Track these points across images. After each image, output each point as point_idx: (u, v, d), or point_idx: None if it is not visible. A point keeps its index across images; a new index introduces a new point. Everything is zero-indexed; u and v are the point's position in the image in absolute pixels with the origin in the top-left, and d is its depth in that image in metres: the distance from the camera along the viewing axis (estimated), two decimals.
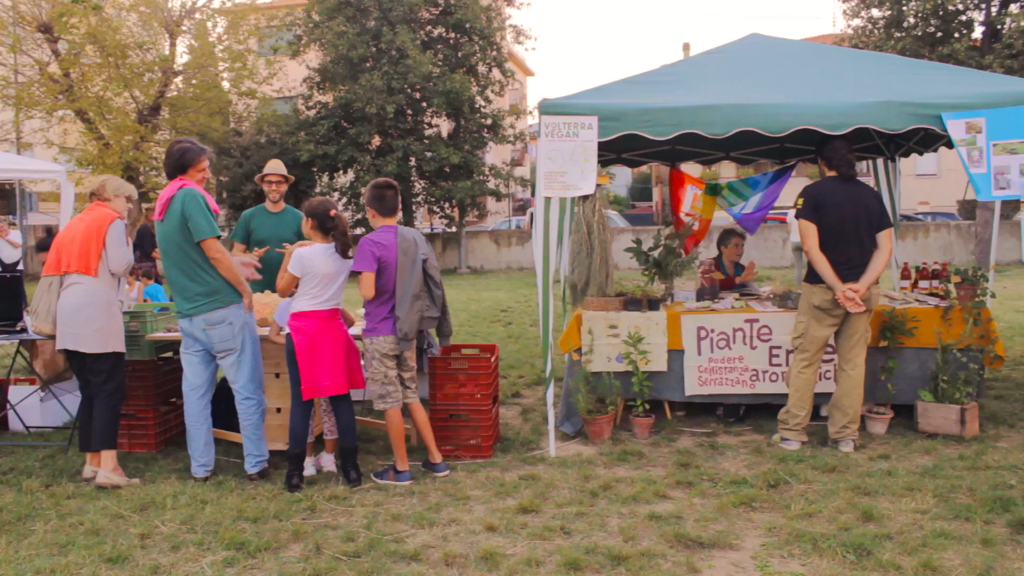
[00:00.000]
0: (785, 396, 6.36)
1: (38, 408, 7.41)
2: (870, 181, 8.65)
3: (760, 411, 6.99)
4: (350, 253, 5.65)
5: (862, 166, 8.73)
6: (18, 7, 23.47)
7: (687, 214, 9.21)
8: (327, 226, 5.62)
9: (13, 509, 5.30)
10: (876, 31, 22.43)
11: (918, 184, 35.98)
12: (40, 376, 7.58)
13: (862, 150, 8.78)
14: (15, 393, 7.42)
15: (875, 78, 6.72)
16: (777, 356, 6.73)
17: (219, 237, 5.70)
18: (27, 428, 7.34)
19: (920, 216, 31.06)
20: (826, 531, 4.59)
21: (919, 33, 21.37)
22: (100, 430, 5.81)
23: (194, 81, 26.56)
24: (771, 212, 11.04)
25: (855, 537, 4.45)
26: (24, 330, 6.79)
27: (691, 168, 10.46)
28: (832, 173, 6.18)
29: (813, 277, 6.07)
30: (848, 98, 6.21)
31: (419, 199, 28.13)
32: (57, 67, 24.11)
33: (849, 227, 5.98)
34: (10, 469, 6.21)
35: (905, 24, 21.76)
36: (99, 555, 4.52)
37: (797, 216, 6.14)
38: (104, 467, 5.77)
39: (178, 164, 5.81)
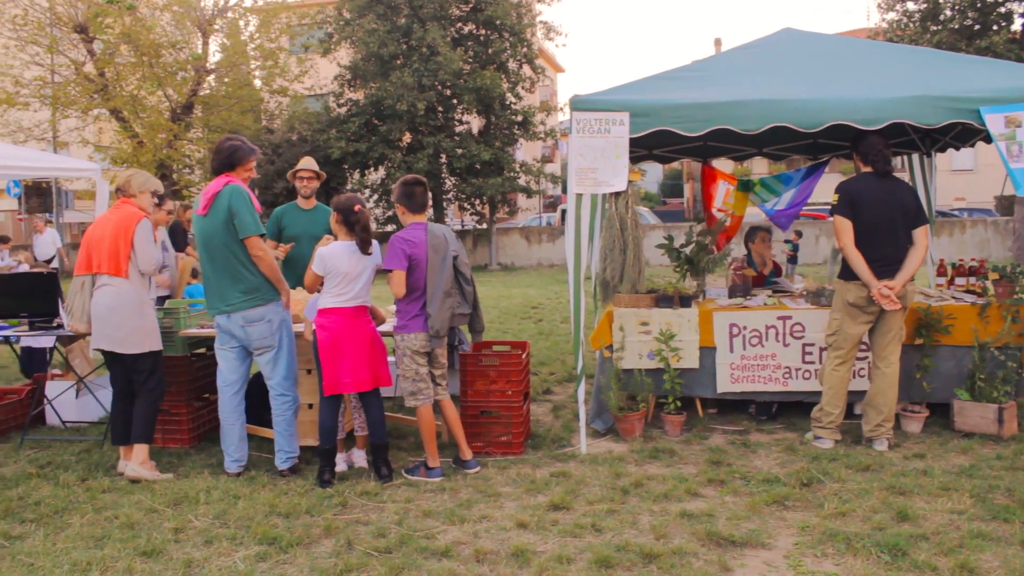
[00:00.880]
0: (818, 394, 6.31)
1: (74, 403, 7.51)
2: (905, 177, 8.53)
3: (793, 409, 6.94)
4: (370, 249, 5.64)
5: (897, 161, 8.63)
6: (55, 8, 23.80)
7: (719, 210, 9.15)
8: (350, 220, 5.63)
9: (50, 502, 5.38)
10: (912, 24, 22.17)
11: (954, 180, 35.58)
12: (76, 372, 7.68)
13: (897, 145, 8.67)
14: (52, 388, 7.53)
15: (910, 72, 6.64)
16: (810, 353, 6.67)
17: (263, 236, 5.74)
18: (63, 423, 7.45)
19: (956, 212, 30.65)
20: (860, 531, 4.54)
21: (956, 26, 21.09)
22: (140, 424, 5.89)
23: (226, 79, 26.83)
24: (804, 208, 10.94)
25: (890, 537, 4.40)
26: (60, 326, 6.87)
27: (723, 164, 10.41)
28: (867, 169, 6.10)
29: (848, 274, 6.01)
30: (883, 93, 6.13)
31: (450, 196, 28.18)
32: (92, 67, 24.45)
33: (884, 224, 5.91)
34: (47, 463, 6.30)
35: (941, 17, 21.49)
36: (133, 548, 4.57)
37: (832, 213, 6.08)
38: (134, 460, 5.84)
39: (227, 161, 5.81)
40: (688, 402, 6.91)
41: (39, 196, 36.76)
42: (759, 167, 33.41)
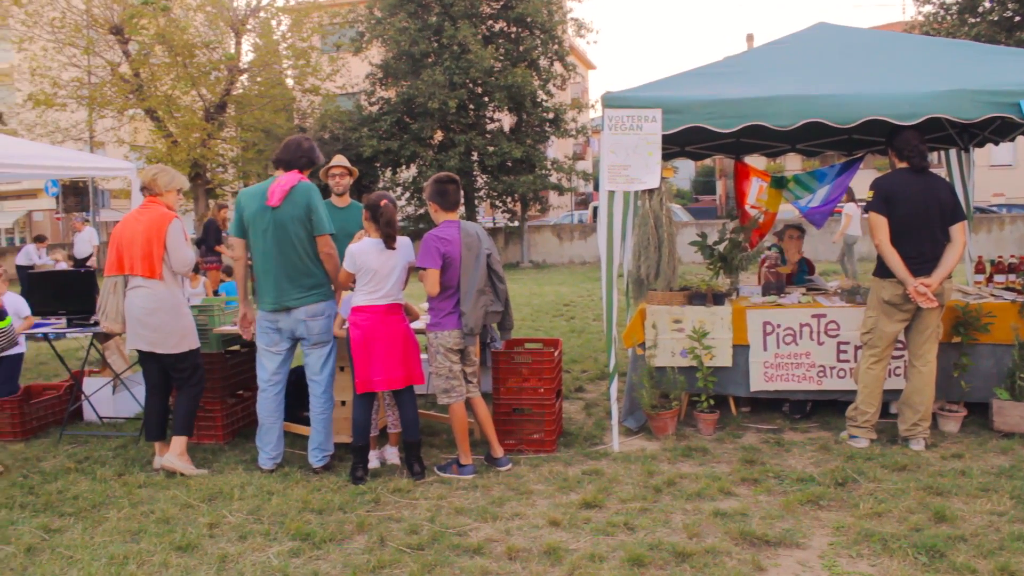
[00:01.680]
0: (853, 393, 6.25)
1: (110, 399, 7.62)
2: (942, 172, 8.42)
3: (827, 407, 6.88)
4: (395, 244, 5.64)
5: (934, 157, 8.51)
6: (91, 11, 24.13)
7: (752, 207, 9.09)
8: (375, 215, 5.65)
9: (88, 497, 5.46)
10: (949, 17, 21.86)
11: (993, 175, 35.02)
12: (112, 368, 7.78)
13: (934, 140, 8.57)
14: (89, 384, 7.63)
15: (948, 65, 6.55)
16: (845, 352, 6.60)
17: (333, 235, 5.82)
18: (100, 418, 7.55)
19: (995, 208, 30.19)
20: (896, 531, 4.49)
21: (995, 18, 20.76)
22: (180, 417, 5.97)
23: (259, 79, 27.04)
24: (840, 205, 10.83)
25: (927, 538, 4.34)
26: (97, 323, 6.96)
27: (756, 161, 10.35)
28: (903, 165, 6.03)
29: (883, 271, 5.94)
30: (919, 87, 6.05)
31: (481, 193, 28.20)
32: (128, 67, 24.76)
33: (921, 220, 5.84)
34: (85, 458, 6.39)
35: (980, 9, 21.16)
36: (169, 543, 4.62)
37: (867, 209, 6.01)
38: (172, 451, 5.91)
39: (306, 159, 5.90)
40: (721, 400, 6.87)
41: (76, 195, 37.38)
42: (792, 164, 33.11)
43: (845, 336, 6.59)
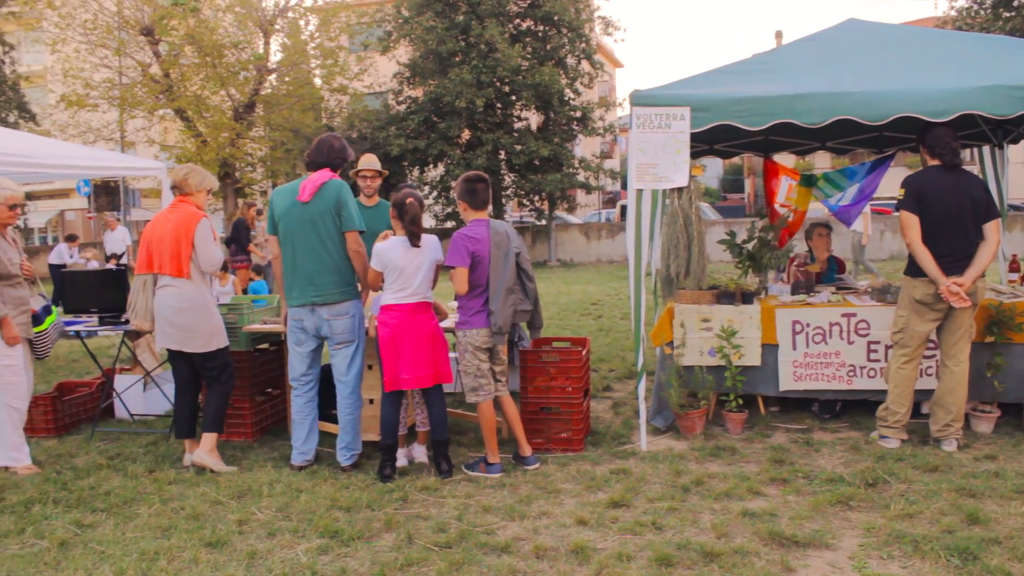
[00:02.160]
0: (884, 392, 6.18)
1: (141, 396, 7.69)
2: (975, 170, 8.33)
3: (857, 407, 6.81)
4: (419, 242, 5.65)
5: (967, 154, 8.41)
6: (122, 12, 24.40)
7: (782, 205, 9.02)
8: (401, 212, 5.66)
9: (119, 493, 5.51)
10: (982, 12, 21.57)
11: None
12: (143, 366, 7.86)
13: (967, 137, 8.45)
14: (120, 382, 7.71)
15: (981, 61, 6.46)
16: (876, 351, 6.54)
17: (362, 233, 5.83)
18: (131, 415, 7.63)
19: None
20: (928, 533, 4.44)
21: None
22: (210, 413, 6.02)
23: (287, 78, 27.23)
24: (871, 203, 10.72)
25: (960, 540, 4.29)
26: (128, 321, 7.03)
27: (785, 158, 10.26)
28: (935, 162, 5.96)
29: (915, 270, 5.88)
30: (952, 83, 5.98)
31: (509, 192, 28.22)
32: (158, 68, 25.02)
33: (953, 218, 5.77)
34: (116, 454, 6.46)
35: (1015, 3, 20.85)
36: (199, 539, 4.66)
37: (898, 207, 5.95)
38: (202, 447, 5.95)
39: (339, 158, 5.92)
40: (750, 400, 6.82)
41: (107, 195, 37.83)
42: (822, 161, 32.86)
43: (875, 335, 6.53)
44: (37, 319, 6.25)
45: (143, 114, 25.68)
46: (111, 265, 13.97)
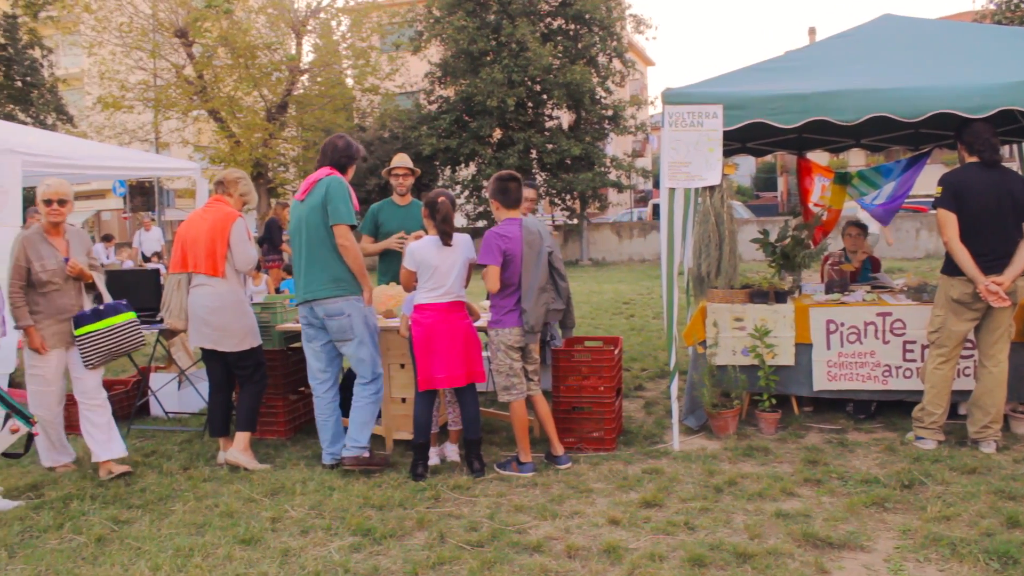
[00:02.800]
0: (920, 393, 6.11)
1: (176, 395, 7.77)
2: (1015, 167, 8.20)
3: (893, 408, 6.73)
4: (451, 241, 5.65)
5: (1006, 150, 8.28)
6: (157, 15, 24.69)
7: (816, 204, 8.94)
8: (432, 212, 5.67)
9: (155, 490, 5.58)
10: (1022, 6, 21.21)
11: None
12: (178, 364, 7.93)
13: (1006, 133, 8.31)
14: (155, 380, 7.80)
15: (1020, 55, 6.36)
16: (912, 351, 6.45)
17: (353, 227, 5.79)
18: (166, 413, 7.71)
19: None
20: (966, 536, 4.38)
21: None
22: (243, 412, 6.06)
23: (319, 79, 27.40)
24: (907, 201, 10.60)
25: (999, 544, 4.22)
26: (163, 320, 7.10)
27: (819, 156, 10.16)
28: (973, 159, 5.87)
29: (952, 269, 5.80)
30: (990, 78, 5.89)
31: (540, 191, 28.19)
32: (192, 70, 25.28)
33: (992, 216, 5.68)
34: (152, 452, 6.53)
35: None
36: (233, 536, 4.70)
37: (935, 205, 5.87)
38: (236, 446, 6.00)
39: (344, 156, 5.95)
40: (783, 400, 6.77)
41: (142, 195, 38.25)
42: (856, 159, 32.50)
43: (911, 335, 6.45)
44: (79, 321, 5.87)
45: (177, 115, 25.95)
46: (154, 264, 14.13)
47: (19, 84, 25.25)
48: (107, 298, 6.09)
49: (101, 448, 5.86)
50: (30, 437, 5.51)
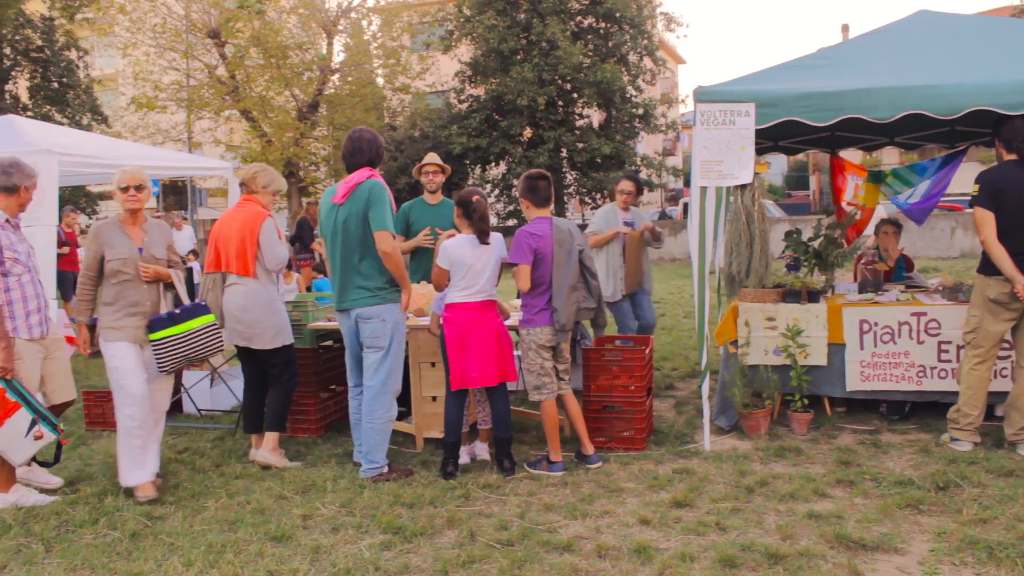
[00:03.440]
0: (955, 394, 6.02)
1: (208, 392, 7.84)
2: None
3: (927, 409, 6.65)
4: (488, 239, 5.65)
5: None
6: (190, 16, 24.94)
7: (849, 203, 8.86)
8: (468, 211, 5.66)
9: (188, 486, 5.63)
10: None
11: None
12: (211, 362, 8.00)
13: None
14: (188, 378, 7.86)
15: None
16: (947, 352, 6.37)
17: (394, 235, 5.61)
18: (199, 410, 7.78)
19: None
20: (1004, 539, 4.31)
21: None
22: (273, 412, 6.09)
23: (350, 78, 27.54)
24: (943, 200, 10.47)
25: None
26: None
27: (852, 155, 10.06)
28: (1011, 156, 5.78)
29: (989, 268, 5.71)
30: None
31: (571, 190, 28.18)
32: (224, 70, 25.51)
33: None
34: (185, 449, 6.59)
35: None
36: (265, 533, 4.73)
37: (972, 204, 5.79)
38: (264, 447, 6.05)
39: (376, 155, 5.74)
40: (815, 400, 6.71)
41: (175, 194, 38.66)
42: (889, 157, 32.16)
43: (947, 335, 6.36)
44: (153, 325, 5.48)
45: (210, 115, 26.20)
46: (191, 262, 14.29)
47: (55, 85, 25.60)
48: (185, 299, 5.67)
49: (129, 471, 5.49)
50: (59, 446, 5.49)
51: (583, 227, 6.48)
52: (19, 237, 5.45)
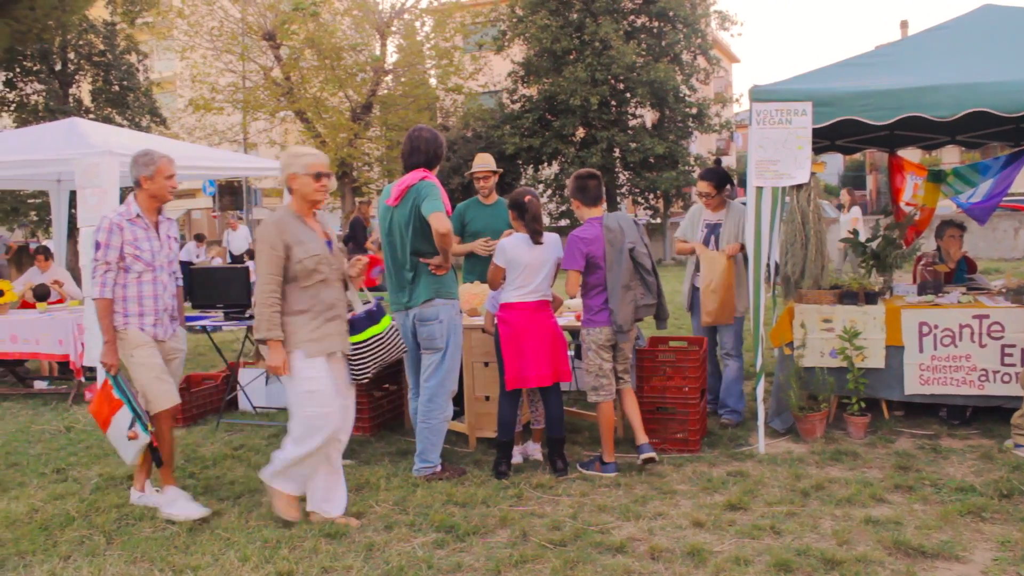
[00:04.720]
0: (1019, 399, 5.88)
1: (263, 390, 7.94)
2: None
3: (989, 414, 6.50)
4: (541, 239, 5.63)
5: None
6: (246, 19, 25.32)
7: (908, 203, 8.70)
8: (520, 211, 5.67)
9: (243, 483, 5.71)
10: None
11: None
12: (265, 360, 8.09)
13: None
14: (244, 375, 7.98)
15: None
16: (1010, 355, 6.21)
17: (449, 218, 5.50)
18: (254, 408, 7.89)
19: None
20: None
21: None
22: None
23: (403, 79, 27.70)
24: (1006, 200, 10.24)
25: None
26: (251, 317, 7.26)
27: (911, 154, 9.86)
28: None
29: None
30: None
31: (624, 190, 28.07)
32: (279, 71, 25.83)
33: None
34: (240, 445, 6.68)
35: None
36: (319, 530, 4.78)
37: None
38: None
39: (434, 155, 5.69)
40: (872, 403, 6.59)
41: (231, 194, 39.23)
42: (949, 156, 31.48)
43: (1011, 338, 6.21)
44: (354, 326, 5.07)
45: (265, 116, 26.55)
46: (248, 262, 14.52)
47: (116, 88, 26.10)
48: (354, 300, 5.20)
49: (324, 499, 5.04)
50: (155, 448, 5.17)
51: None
52: (149, 235, 5.21)
